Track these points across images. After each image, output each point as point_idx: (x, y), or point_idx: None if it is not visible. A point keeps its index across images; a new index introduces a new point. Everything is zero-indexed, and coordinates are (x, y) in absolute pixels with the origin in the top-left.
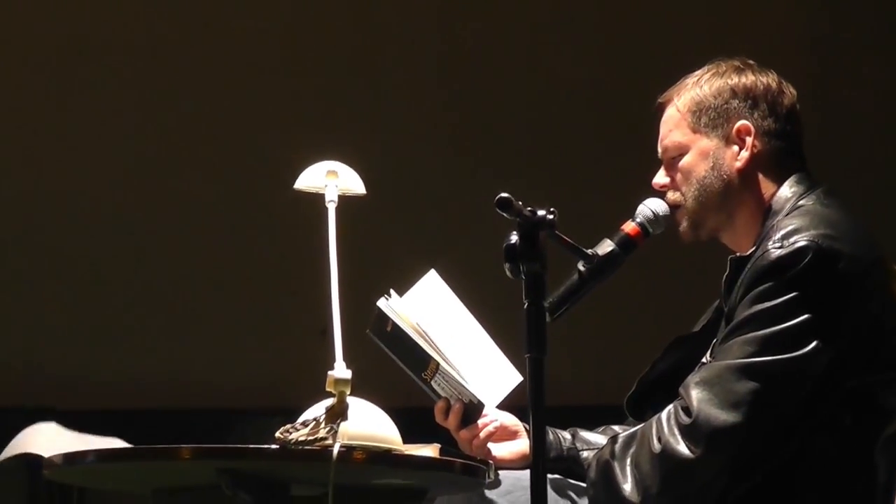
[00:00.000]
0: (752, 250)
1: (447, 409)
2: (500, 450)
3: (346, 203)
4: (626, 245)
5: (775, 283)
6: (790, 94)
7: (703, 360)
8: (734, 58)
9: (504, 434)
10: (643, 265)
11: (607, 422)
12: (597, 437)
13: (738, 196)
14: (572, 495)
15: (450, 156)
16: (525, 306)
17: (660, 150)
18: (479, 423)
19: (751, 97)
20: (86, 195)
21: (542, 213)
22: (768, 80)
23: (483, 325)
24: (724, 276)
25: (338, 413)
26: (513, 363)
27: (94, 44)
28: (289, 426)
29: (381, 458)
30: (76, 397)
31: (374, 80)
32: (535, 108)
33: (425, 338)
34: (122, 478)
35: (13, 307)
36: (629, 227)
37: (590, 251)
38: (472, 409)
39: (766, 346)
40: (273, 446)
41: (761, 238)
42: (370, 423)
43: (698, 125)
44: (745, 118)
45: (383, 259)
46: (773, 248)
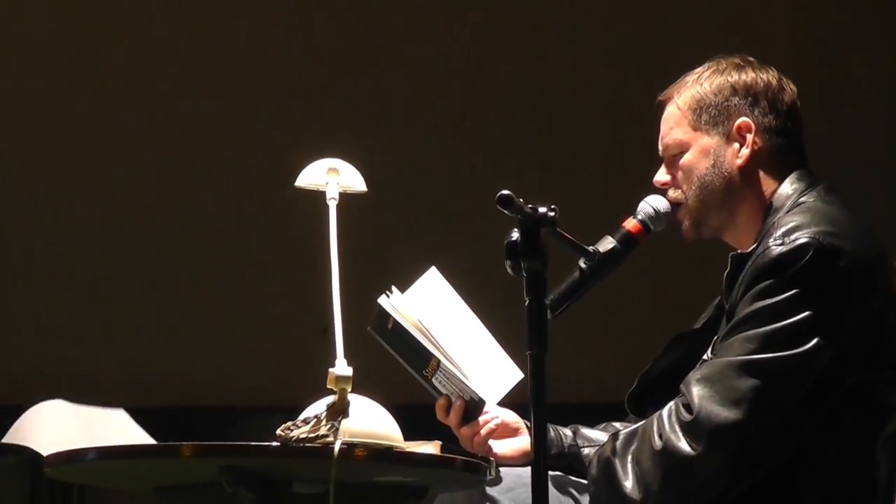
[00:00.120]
0: (753, 247)
1: (448, 406)
2: (501, 447)
3: (346, 200)
4: (628, 242)
5: (776, 280)
6: (790, 90)
7: (704, 357)
8: (734, 55)
9: (505, 431)
10: (644, 262)
11: (608, 419)
12: (598, 434)
13: (739, 193)
14: (573, 492)
15: (451, 153)
16: (526, 303)
17: (660, 147)
18: (481, 420)
19: (751, 94)
20: (86, 194)
21: (543, 210)
22: (768, 76)
23: (484, 322)
24: (725, 273)
25: (339, 410)
26: (514, 360)
27: (94, 43)
28: (290, 423)
29: (383, 455)
30: (77, 396)
31: (375, 77)
32: (536, 106)
33: (426, 335)
34: (123, 475)
35: (14, 306)
36: (630, 224)
37: (591, 248)
38: (474, 407)
39: (767, 343)
40: (274, 444)
41: (762, 235)
42: (371, 421)
43: (699, 123)
44: (745, 115)
45: (384, 256)
46: (775, 245)
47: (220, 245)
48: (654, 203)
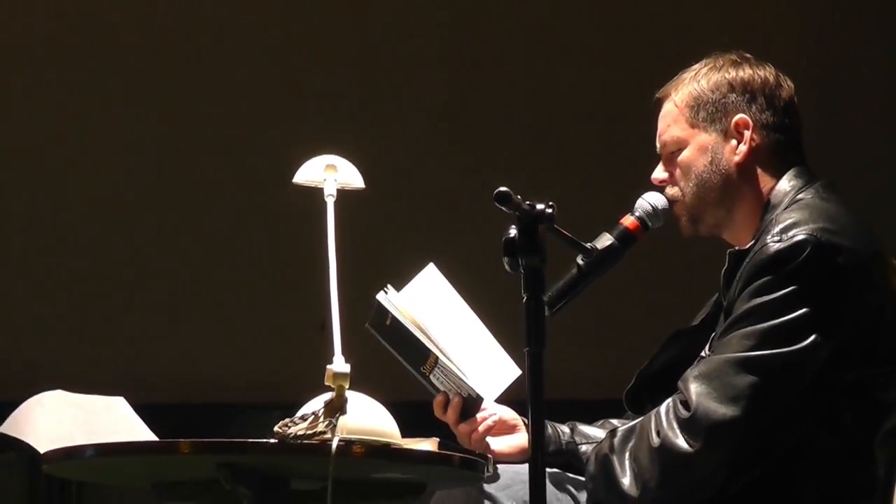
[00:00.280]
0: (750, 244)
1: (446, 402)
2: (498, 444)
3: (344, 197)
4: (625, 239)
5: (774, 276)
6: (788, 87)
7: (702, 353)
8: (731, 52)
9: (503, 428)
10: (642, 259)
11: (606, 416)
12: (595, 431)
13: (736, 190)
14: (571, 489)
15: (449, 150)
16: (524, 300)
17: (658, 145)
18: (478, 416)
19: (748, 91)
20: (86, 192)
21: (540, 207)
22: (765, 73)
23: (482, 318)
24: (723, 270)
25: (337, 407)
26: (512, 357)
27: (93, 40)
28: (288, 420)
29: (380, 452)
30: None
31: (373, 74)
32: (534, 103)
33: (424, 332)
34: (121, 472)
35: (13, 303)
36: (628, 221)
37: (589, 245)
38: (471, 403)
39: (765, 340)
40: (272, 440)
41: (760, 232)
42: (369, 418)
43: (696, 120)
44: (742, 112)
45: (382, 253)
46: (772, 242)
47: (219, 242)
48: (651, 200)
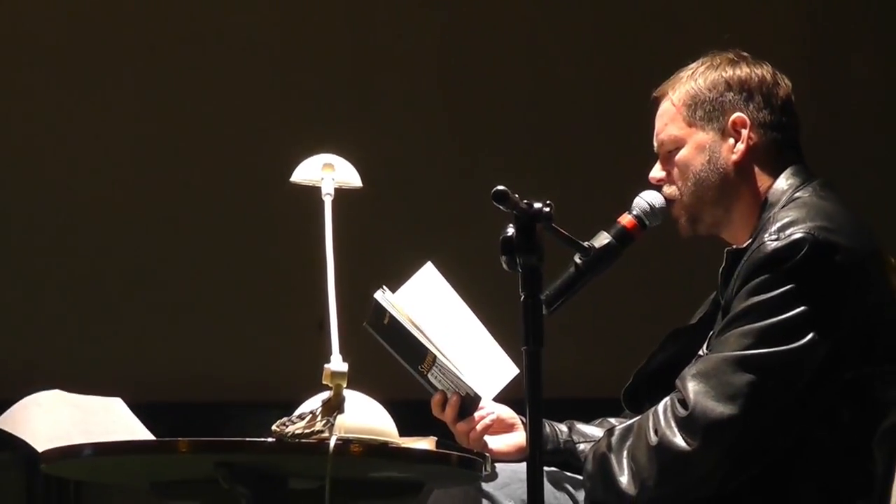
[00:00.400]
0: (748, 242)
1: (444, 401)
2: (496, 442)
3: (342, 196)
4: (623, 238)
5: (772, 275)
6: (785, 85)
7: (699, 352)
8: (728, 50)
9: (501, 427)
10: (640, 258)
11: (604, 414)
12: (593, 430)
13: (734, 189)
14: (569, 488)
15: (447, 148)
16: (522, 299)
17: (655, 144)
18: (476, 415)
19: (745, 89)
20: (84, 190)
21: (538, 205)
22: (763, 71)
23: (480, 317)
24: (720, 269)
25: (334, 406)
26: (510, 356)
27: (92, 40)
28: (285, 419)
29: (378, 451)
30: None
31: (371, 73)
32: (532, 102)
33: (422, 331)
34: (119, 471)
35: (13, 303)
36: (626, 219)
37: (586, 244)
38: (469, 402)
39: (762, 339)
40: (270, 440)
41: (758, 230)
42: (367, 416)
43: (694, 119)
44: (740, 111)
45: (380, 252)
46: (770, 241)
47: (216, 241)
48: (649, 198)
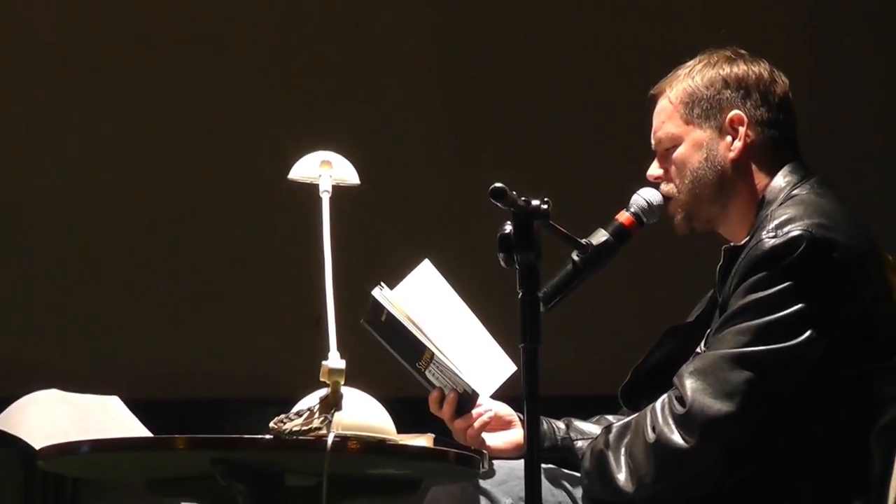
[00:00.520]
0: (746, 240)
1: (441, 398)
2: (494, 439)
3: (340, 193)
4: (621, 235)
5: (769, 272)
6: (782, 82)
7: (697, 349)
8: (726, 48)
9: (498, 424)
10: (637, 255)
11: (601, 412)
12: (591, 427)
13: (731, 186)
14: (567, 485)
15: (444, 146)
16: (519, 296)
17: (653, 141)
18: (474, 412)
19: (743, 87)
20: (82, 187)
21: (536, 202)
22: (760, 69)
23: (477, 314)
24: (718, 266)
25: (332, 403)
26: (507, 353)
27: (89, 38)
28: (283, 416)
29: (376, 448)
30: (71, 388)
31: (369, 71)
32: (529, 99)
33: (419, 328)
34: (116, 468)
35: (8, 300)
36: (623, 216)
37: (584, 241)
38: (467, 399)
39: (760, 336)
40: (267, 436)
41: (755, 228)
42: (364, 413)
43: (691, 116)
44: (737, 108)
45: (377, 249)
46: (767, 238)
47: (214, 238)
48: (647, 196)
